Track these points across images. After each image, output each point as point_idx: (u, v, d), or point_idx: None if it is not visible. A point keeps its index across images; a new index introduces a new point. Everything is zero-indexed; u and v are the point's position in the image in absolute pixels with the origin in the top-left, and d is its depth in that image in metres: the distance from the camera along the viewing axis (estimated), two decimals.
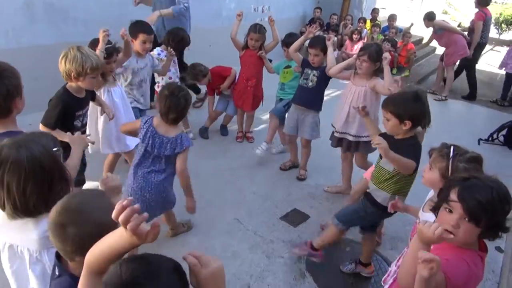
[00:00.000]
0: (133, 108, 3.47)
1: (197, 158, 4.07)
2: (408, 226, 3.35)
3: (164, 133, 2.40)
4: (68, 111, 2.40)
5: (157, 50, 3.90)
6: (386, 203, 2.36)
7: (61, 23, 4.40)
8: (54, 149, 1.39)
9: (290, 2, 8.22)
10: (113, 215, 0.91)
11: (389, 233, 3.28)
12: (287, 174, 3.99)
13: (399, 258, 2.11)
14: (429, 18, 6.76)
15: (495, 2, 20.22)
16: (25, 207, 1.33)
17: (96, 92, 2.90)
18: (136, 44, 3.33)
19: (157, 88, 4.04)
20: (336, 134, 3.41)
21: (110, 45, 2.90)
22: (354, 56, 3.35)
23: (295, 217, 3.35)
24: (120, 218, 0.89)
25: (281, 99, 4.11)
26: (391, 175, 2.32)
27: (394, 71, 7.88)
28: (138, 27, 3.35)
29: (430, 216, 1.75)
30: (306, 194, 3.70)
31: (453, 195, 1.40)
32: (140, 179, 2.46)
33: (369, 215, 2.50)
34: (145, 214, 0.91)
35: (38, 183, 1.32)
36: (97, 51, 2.72)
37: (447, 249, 1.42)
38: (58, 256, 1.23)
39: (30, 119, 2.64)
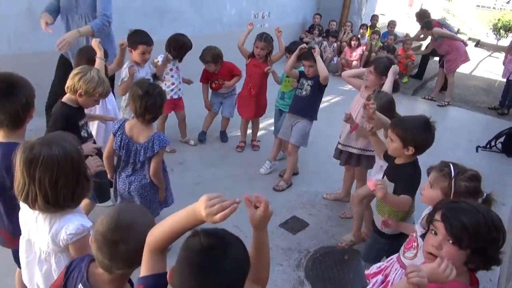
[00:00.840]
0: None
1: (196, 165, 4.10)
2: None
3: (137, 138, 2.38)
4: (70, 122, 2.43)
5: (161, 57, 3.90)
6: (392, 232, 2.36)
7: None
8: (79, 147, 1.50)
9: (290, 9, 8.28)
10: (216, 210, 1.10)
11: None
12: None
13: (386, 268, 2.10)
14: (427, 27, 6.85)
15: (494, 8, 20.37)
16: (56, 201, 1.41)
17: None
18: (135, 55, 3.34)
19: None
20: (339, 146, 3.41)
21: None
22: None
23: (294, 225, 3.36)
24: (218, 217, 1.09)
25: (280, 111, 4.12)
26: None
27: None
28: (138, 38, 3.34)
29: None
30: (305, 201, 3.71)
31: (437, 215, 1.41)
32: (123, 182, 2.50)
33: (384, 245, 2.47)
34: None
35: (69, 177, 1.40)
36: (98, 60, 2.79)
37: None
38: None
39: (31, 125, 2.64)
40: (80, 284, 1.29)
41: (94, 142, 2.69)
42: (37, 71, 4.03)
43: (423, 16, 7.31)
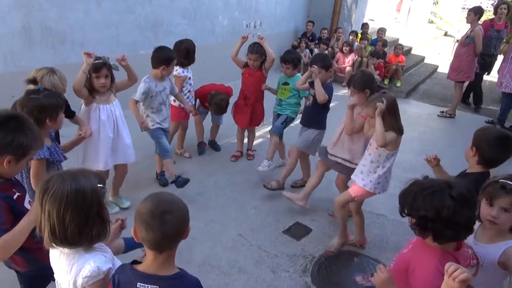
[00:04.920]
0: (156, 129, 3.56)
1: (198, 175, 4.11)
2: (409, 235, 3.40)
3: None
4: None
5: (180, 69, 3.94)
6: None
7: (59, 46, 4.45)
8: (99, 185, 1.43)
9: (282, 17, 8.38)
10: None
11: (391, 243, 3.33)
12: (289, 189, 4.03)
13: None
14: (480, 16, 6.27)
15: None
16: (64, 236, 1.37)
17: (86, 108, 2.99)
18: (157, 71, 3.39)
19: (173, 103, 4.08)
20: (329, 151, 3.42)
21: (99, 60, 2.89)
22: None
23: (297, 231, 3.39)
24: None
25: (278, 115, 4.13)
26: None
27: (386, 81, 8.04)
28: (162, 59, 3.36)
29: (483, 246, 1.80)
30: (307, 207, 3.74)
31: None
32: None
33: None
34: None
35: (76, 214, 1.36)
36: (80, 72, 2.80)
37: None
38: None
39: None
40: (139, 283, 1.36)
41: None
42: None
43: None
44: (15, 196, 1.71)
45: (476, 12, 6.26)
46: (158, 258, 1.37)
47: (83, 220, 1.37)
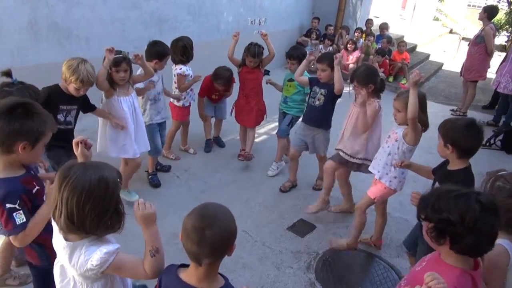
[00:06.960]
0: (150, 125, 3.60)
1: (202, 171, 4.13)
2: None
3: None
4: (51, 100, 2.63)
5: (184, 67, 3.88)
6: None
7: (64, 41, 4.47)
8: (119, 179, 1.46)
9: (287, 14, 8.36)
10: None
11: (395, 241, 3.33)
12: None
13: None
14: (489, 15, 6.18)
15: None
16: (82, 223, 1.38)
17: (108, 100, 3.09)
18: (151, 63, 3.44)
19: (176, 103, 4.09)
20: (334, 149, 3.42)
21: (119, 55, 3.00)
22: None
23: (302, 227, 3.40)
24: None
25: (284, 113, 4.12)
26: None
27: (391, 79, 8.02)
28: (154, 52, 3.42)
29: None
30: (311, 204, 3.74)
31: None
32: None
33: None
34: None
35: (98, 203, 1.37)
36: (102, 68, 2.90)
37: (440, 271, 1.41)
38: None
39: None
40: None
41: (71, 132, 2.83)
42: (40, 82, 4.06)
43: None
44: (34, 190, 1.73)
45: (491, 14, 6.21)
46: (198, 270, 1.40)
47: (104, 209, 1.39)
